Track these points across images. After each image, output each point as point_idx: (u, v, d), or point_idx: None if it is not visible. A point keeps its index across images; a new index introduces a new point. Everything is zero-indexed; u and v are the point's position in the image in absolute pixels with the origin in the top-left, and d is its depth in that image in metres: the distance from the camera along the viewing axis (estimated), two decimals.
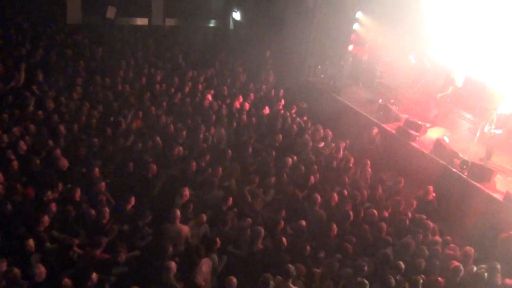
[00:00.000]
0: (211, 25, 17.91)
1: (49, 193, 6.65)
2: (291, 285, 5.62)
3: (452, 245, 7.35)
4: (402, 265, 6.17)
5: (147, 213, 6.69)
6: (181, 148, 8.66)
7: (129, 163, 7.98)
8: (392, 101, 12.65)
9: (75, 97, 10.20)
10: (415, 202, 8.33)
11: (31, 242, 5.64)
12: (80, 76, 11.15)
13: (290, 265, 5.71)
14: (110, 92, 10.79)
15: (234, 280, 5.47)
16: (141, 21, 16.57)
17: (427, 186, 8.86)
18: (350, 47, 13.95)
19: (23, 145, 7.75)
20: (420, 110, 12.14)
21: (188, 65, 13.44)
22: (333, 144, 10.24)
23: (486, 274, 6.41)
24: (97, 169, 7.55)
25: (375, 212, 7.58)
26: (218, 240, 6.21)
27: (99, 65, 12.19)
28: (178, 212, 6.54)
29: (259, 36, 14.78)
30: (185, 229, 6.52)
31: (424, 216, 7.79)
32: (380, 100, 12.64)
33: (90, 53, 12.70)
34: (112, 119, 9.53)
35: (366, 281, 5.67)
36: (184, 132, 9.25)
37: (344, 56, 14.07)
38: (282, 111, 11.39)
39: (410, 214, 7.91)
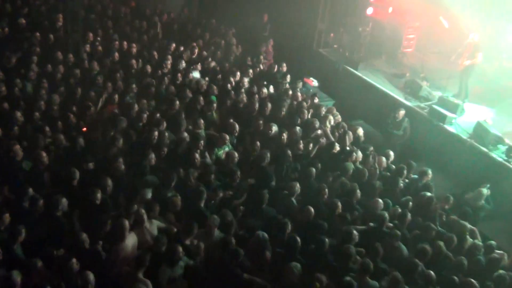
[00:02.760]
0: None
1: None
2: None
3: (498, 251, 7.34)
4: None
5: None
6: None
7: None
8: (422, 75, 12.69)
9: (31, 78, 9.99)
10: (451, 199, 8.35)
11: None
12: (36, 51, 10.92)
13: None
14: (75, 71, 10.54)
15: None
16: None
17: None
18: (370, 10, 13.84)
19: None
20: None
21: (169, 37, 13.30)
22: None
23: None
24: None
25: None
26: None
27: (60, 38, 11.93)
28: (126, 223, 6.28)
29: None
30: (132, 239, 6.31)
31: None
32: (407, 75, 12.71)
33: (49, 22, 12.42)
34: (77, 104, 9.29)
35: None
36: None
37: (363, 22, 13.87)
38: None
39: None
